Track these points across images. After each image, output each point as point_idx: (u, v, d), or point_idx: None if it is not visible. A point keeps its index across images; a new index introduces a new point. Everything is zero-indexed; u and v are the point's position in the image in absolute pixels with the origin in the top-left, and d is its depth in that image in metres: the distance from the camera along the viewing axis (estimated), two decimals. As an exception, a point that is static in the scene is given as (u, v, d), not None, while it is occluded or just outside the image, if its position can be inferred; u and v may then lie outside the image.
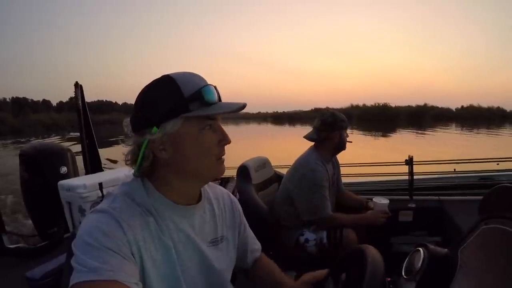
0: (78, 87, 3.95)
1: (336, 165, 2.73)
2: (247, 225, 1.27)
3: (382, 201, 2.39)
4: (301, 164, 2.51)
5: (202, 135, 0.90)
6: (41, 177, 3.28)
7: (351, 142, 2.63)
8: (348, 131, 2.56)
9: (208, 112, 0.88)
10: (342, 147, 2.56)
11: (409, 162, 3.11)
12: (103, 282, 0.75)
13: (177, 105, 0.87)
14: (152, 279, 0.88)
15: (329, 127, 2.46)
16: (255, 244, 1.31)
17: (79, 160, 3.91)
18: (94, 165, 4.11)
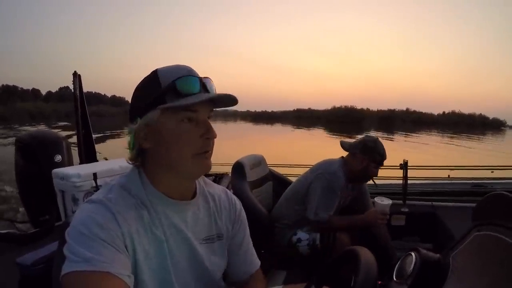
0: (76, 76, 3.92)
1: (356, 189, 2.63)
2: (247, 238, 1.19)
3: (384, 201, 2.29)
4: (324, 164, 2.52)
5: (180, 128, 0.88)
6: (35, 164, 3.26)
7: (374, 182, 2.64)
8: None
9: (180, 103, 0.86)
10: (364, 177, 2.51)
11: (404, 166, 3.11)
12: (96, 273, 0.75)
13: (155, 97, 0.88)
14: (144, 272, 0.88)
15: (363, 149, 2.43)
16: (253, 261, 1.21)
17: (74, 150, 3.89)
18: (89, 155, 4.09)
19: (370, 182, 2.61)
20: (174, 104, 0.86)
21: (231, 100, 0.93)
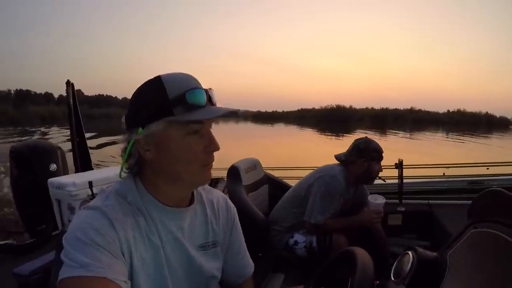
0: (69, 85, 3.93)
1: (357, 194, 2.63)
2: (243, 243, 1.19)
3: (377, 200, 2.31)
4: (325, 168, 2.53)
5: (186, 140, 0.88)
6: (31, 174, 3.25)
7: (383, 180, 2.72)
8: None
9: (190, 117, 0.86)
10: (369, 179, 2.51)
11: (399, 165, 3.11)
12: (93, 278, 0.75)
13: (161, 108, 0.85)
14: (140, 278, 0.88)
15: (358, 152, 2.42)
16: (248, 265, 1.22)
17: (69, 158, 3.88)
18: (84, 164, 4.09)
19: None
20: (185, 118, 0.86)
21: (232, 112, 0.92)
